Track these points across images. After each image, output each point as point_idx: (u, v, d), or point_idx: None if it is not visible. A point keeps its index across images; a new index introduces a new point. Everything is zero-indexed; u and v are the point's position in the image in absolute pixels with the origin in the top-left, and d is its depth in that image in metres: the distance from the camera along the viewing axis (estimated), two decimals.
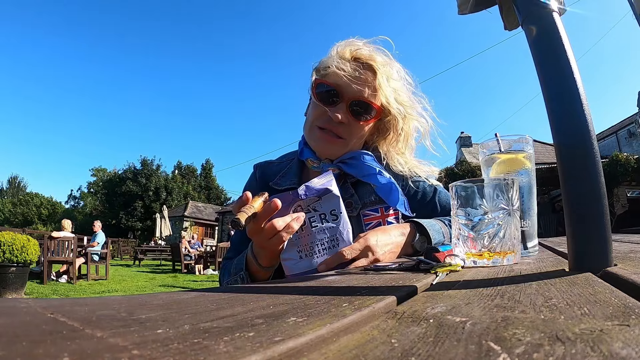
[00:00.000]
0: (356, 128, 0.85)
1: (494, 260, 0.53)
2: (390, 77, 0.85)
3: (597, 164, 0.39)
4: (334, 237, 0.70)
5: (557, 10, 0.45)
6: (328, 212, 0.70)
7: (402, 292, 0.31)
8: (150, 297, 0.29)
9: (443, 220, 0.87)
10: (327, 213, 0.70)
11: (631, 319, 0.19)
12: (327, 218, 0.70)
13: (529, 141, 0.74)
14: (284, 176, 0.93)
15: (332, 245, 0.70)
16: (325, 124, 0.84)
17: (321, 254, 0.69)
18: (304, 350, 0.16)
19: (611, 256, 0.39)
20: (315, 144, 0.87)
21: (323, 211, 0.70)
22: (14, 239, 4.44)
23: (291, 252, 0.69)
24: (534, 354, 0.14)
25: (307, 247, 0.69)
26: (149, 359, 0.13)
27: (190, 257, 9.43)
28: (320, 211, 0.70)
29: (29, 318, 0.20)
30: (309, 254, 0.69)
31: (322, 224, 0.69)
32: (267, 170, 0.98)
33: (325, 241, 0.70)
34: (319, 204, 0.70)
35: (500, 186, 0.55)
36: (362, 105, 0.83)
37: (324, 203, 0.70)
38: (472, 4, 0.65)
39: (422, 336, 0.18)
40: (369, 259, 0.69)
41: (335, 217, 0.70)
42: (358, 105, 0.83)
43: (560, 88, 0.42)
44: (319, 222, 0.69)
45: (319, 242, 0.69)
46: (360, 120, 0.84)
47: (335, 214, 0.70)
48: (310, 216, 0.69)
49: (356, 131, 0.85)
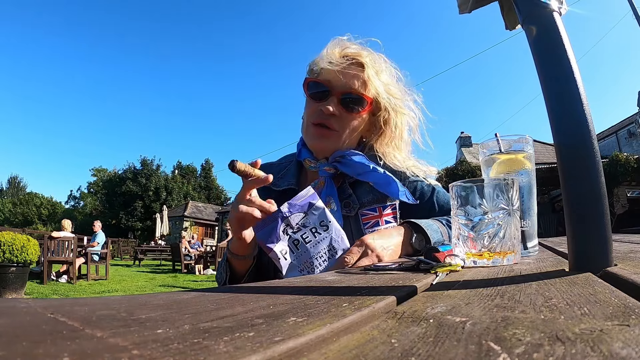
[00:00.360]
0: (348, 120, 0.86)
1: (494, 260, 0.53)
2: (379, 71, 0.88)
3: (597, 164, 0.39)
4: (331, 247, 0.70)
5: (558, 10, 0.45)
6: (318, 224, 0.71)
7: (402, 292, 0.31)
8: (150, 297, 0.29)
9: (440, 220, 0.87)
10: (317, 226, 0.71)
11: (631, 319, 0.19)
12: (319, 230, 0.71)
13: (529, 141, 0.74)
14: (283, 177, 0.94)
15: (330, 255, 0.70)
16: (318, 119, 0.86)
17: (322, 266, 0.69)
18: (304, 350, 0.16)
19: (611, 256, 0.39)
20: (311, 141, 0.89)
21: (313, 225, 0.71)
22: (14, 239, 4.44)
23: (293, 273, 0.70)
24: (534, 354, 0.14)
25: (307, 265, 0.70)
26: (149, 359, 0.13)
27: (190, 257, 9.43)
28: (310, 226, 0.70)
29: (29, 318, 0.20)
30: (310, 270, 0.70)
31: (316, 237, 0.70)
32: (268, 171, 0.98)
33: (323, 252, 0.70)
34: (306, 220, 0.71)
35: (500, 186, 0.55)
36: (352, 97, 0.85)
37: (310, 217, 0.71)
38: (472, 3, 0.65)
39: (422, 336, 0.18)
40: (370, 257, 0.69)
41: (326, 227, 0.71)
42: (348, 97, 0.85)
43: (561, 88, 0.42)
44: (312, 236, 0.70)
45: (317, 255, 0.70)
46: (351, 111, 0.86)
47: (325, 225, 0.71)
48: (302, 234, 0.70)
49: (348, 123, 0.86)
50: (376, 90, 0.86)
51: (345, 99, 0.85)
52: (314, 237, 0.70)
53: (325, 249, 0.70)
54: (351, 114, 0.86)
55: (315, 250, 0.70)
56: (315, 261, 0.69)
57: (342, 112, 0.85)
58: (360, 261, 0.68)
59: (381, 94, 0.86)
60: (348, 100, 0.85)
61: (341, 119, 0.85)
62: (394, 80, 0.91)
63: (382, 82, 0.87)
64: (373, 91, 0.86)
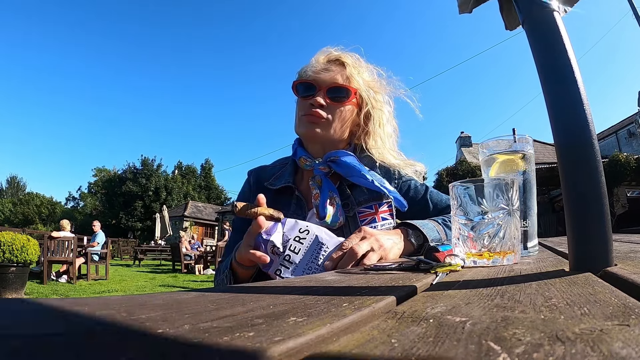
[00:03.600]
0: (336, 109, 0.92)
1: (494, 260, 0.53)
2: (360, 69, 0.96)
3: (597, 164, 0.39)
4: (320, 244, 0.71)
5: (558, 10, 0.45)
6: (298, 232, 0.72)
7: (402, 292, 0.31)
8: (150, 297, 0.29)
9: (436, 219, 0.89)
10: (298, 233, 0.72)
11: (631, 319, 0.19)
12: (302, 236, 0.72)
13: (529, 141, 0.74)
14: (279, 177, 0.98)
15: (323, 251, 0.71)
16: (308, 110, 0.91)
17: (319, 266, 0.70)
18: (304, 350, 0.16)
19: (611, 256, 0.39)
20: (303, 129, 0.92)
21: (295, 235, 0.72)
22: (14, 239, 4.44)
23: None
24: (534, 353, 0.14)
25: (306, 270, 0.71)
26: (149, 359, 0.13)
27: (190, 257, 9.43)
28: (293, 236, 0.72)
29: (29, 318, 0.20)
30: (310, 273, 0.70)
31: (302, 244, 0.72)
32: (262, 174, 1.04)
33: (315, 252, 0.71)
34: (287, 234, 0.72)
35: (500, 186, 0.55)
36: (337, 89, 0.92)
37: (288, 232, 0.72)
38: (472, 3, 0.65)
39: (422, 336, 0.18)
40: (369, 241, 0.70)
41: (307, 230, 0.73)
42: (334, 90, 0.92)
43: (561, 88, 0.42)
44: (298, 244, 0.72)
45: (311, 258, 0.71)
46: (338, 101, 0.92)
47: (304, 230, 0.73)
48: (289, 246, 0.71)
49: (336, 111, 0.92)
50: (359, 85, 0.93)
51: (332, 91, 0.91)
52: (300, 243, 0.71)
53: (315, 249, 0.71)
54: (338, 103, 0.92)
55: (308, 254, 0.71)
56: (312, 264, 0.70)
57: (330, 103, 0.91)
58: (361, 243, 0.69)
59: (363, 88, 0.93)
60: (334, 92, 0.92)
61: (329, 108, 0.91)
62: (374, 77, 0.99)
63: (362, 78, 0.95)
64: (356, 85, 0.93)
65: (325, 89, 0.91)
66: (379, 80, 0.99)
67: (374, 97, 0.95)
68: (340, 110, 0.91)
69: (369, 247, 0.69)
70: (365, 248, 0.68)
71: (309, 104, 0.91)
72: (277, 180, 0.97)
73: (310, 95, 0.91)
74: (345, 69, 0.93)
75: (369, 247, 0.69)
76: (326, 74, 0.92)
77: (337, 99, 0.91)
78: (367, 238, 0.71)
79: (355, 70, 0.94)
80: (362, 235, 0.72)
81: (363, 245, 0.68)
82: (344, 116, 0.92)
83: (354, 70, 0.93)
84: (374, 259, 0.68)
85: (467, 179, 0.58)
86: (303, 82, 0.93)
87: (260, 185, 0.99)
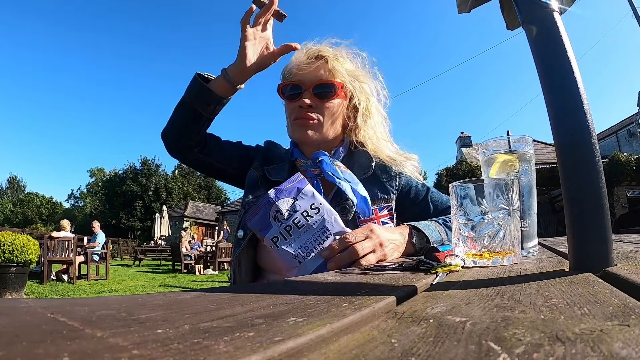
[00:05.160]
0: (325, 108, 0.91)
1: (494, 260, 0.53)
2: (342, 60, 0.94)
3: (597, 164, 0.39)
4: (325, 229, 0.70)
5: (558, 10, 0.45)
6: (309, 207, 0.71)
7: (402, 292, 0.31)
8: (150, 297, 0.29)
9: (437, 220, 0.88)
10: (308, 209, 0.71)
11: (631, 319, 0.19)
12: (310, 213, 0.71)
13: (529, 141, 0.74)
14: (277, 170, 0.97)
15: (325, 237, 0.70)
16: (298, 114, 0.90)
17: (317, 249, 0.69)
18: (304, 350, 0.16)
19: (611, 256, 0.39)
20: (296, 135, 0.92)
21: (304, 209, 0.70)
22: (14, 239, 4.44)
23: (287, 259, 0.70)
24: (534, 354, 0.14)
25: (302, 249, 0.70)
26: (149, 359, 0.13)
27: (190, 257, 9.42)
28: (301, 210, 0.70)
29: (29, 318, 0.20)
30: (306, 255, 0.69)
31: (308, 221, 0.70)
32: (273, 150, 1.05)
33: (318, 235, 0.70)
34: (297, 205, 0.71)
35: (500, 186, 0.55)
36: (323, 86, 0.91)
37: (300, 202, 0.71)
38: (471, 3, 0.65)
39: (422, 336, 0.18)
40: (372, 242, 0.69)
41: (317, 209, 0.71)
42: (319, 87, 0.91)
43: (561, 88, 0.42)
44: (304, 220, 0.70)
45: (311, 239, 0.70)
46: (326, 98, 0.91)
47: (315, 207, 0.71)
48: (294, 219, 0.70)
49: (326, 110, 0.91)
50: (343, 77, 0.92)
51: (317, 89, 0.90)
52: (306, 220, 0.70)
53: (318, 231, 0.70)
54: (326, 101, 0.91)
55: (310, 233, 0.69)
56: (310, 245, 0.69)
57: (318, 102, 0.90)
58: (364, 242, 0.68)
59: (347, 80, 0.92)
60: (320, 90, 0.91)
61: (318, 108, 0.90)
62: (357, 66, 0.97)
63: (345, 68, 0.93)
64: (340, 77, 0.92)
65: (311, 87, 0.90)
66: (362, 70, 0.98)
67: (359, 87, 0.94)
68: (328, 107, 0.91)
69: (371, 249, 0.68)
70: (367, 249, 0.68)
71: (297, 107, 0.90)
72: (275, 171, 0.97)
73: (297, 97, 0.90)
74: (327, 63, 0.92)
75: (371, 248, 0.68)
76: (309, 71, 0.91)
77: (324, 96, 0.90)
78: (371, 239, 0.70)
79: (337, 63, 0.92)
80: (367, 234, 0.70)
81: (365, 245, 0.68)
82: (334, 112, 0.92)
83: (336, 62, 0.92)
84: (372, 260, 0.68)
85: (467, 179, 0.58)
86: (287, 84, 0.93)
87: (265, 158, 1.00)
